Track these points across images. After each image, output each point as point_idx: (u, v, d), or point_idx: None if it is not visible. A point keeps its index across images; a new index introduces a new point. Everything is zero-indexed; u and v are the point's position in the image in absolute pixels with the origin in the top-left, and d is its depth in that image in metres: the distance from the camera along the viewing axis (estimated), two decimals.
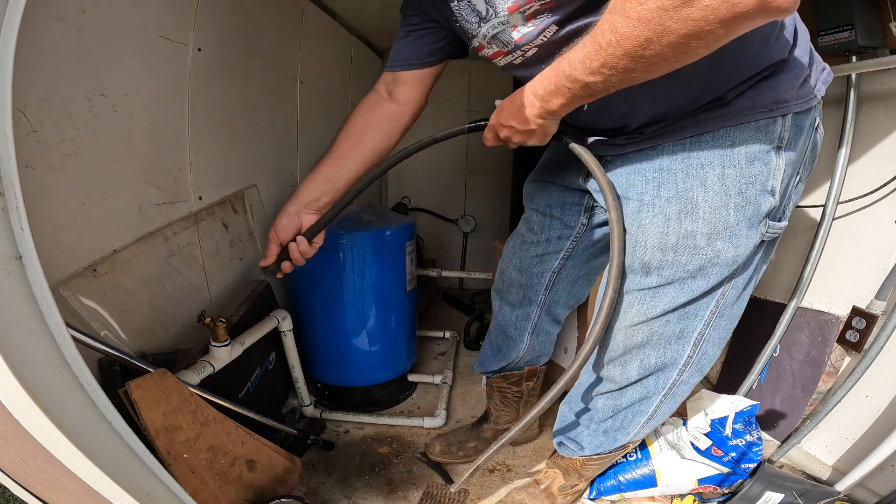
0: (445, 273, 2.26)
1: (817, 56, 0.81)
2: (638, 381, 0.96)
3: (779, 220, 0.81)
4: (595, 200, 1.03)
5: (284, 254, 1.00)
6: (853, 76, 1.29)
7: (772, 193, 0.76)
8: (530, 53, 0.78)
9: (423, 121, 1.04)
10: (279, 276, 1.03)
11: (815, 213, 1.43)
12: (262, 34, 1.53)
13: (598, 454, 1.11)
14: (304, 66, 1.82)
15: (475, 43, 0.84)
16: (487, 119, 0.87)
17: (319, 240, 1.03)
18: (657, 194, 0.81)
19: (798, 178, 0.82)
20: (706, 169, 0.76)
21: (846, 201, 1.34)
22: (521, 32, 0.74)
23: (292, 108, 1.81)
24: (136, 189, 1.08)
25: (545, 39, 0.74)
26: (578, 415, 1.10)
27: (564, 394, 1.19)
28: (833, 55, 1.30)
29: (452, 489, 1.15)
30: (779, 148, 0.75)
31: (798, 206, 1.52)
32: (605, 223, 1.05)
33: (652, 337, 0.90)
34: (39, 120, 0.82)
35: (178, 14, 1.15)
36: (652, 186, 0.81)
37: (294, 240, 0.99)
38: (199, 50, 1.22)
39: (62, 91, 0.87)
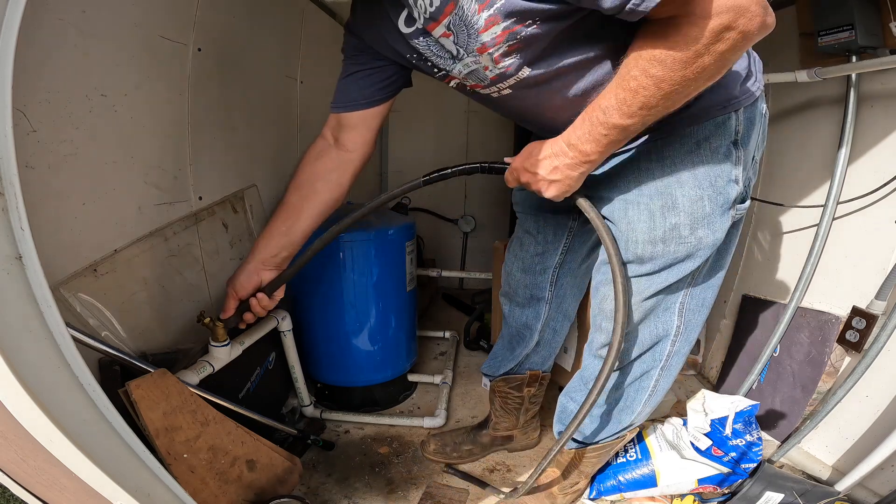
0: (445, 273, 2.25)
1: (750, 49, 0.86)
2: (637, 357, 1.02)
3: (743, 202, 0.89)
4: None
5: (244, 306, 1.03)
6: (853, 76, 1.28)
7: (736, 182, 0.85)
8: (504, 92, 0.82)
9: (426, 115, 1.02)
10: (241, 325, 1.06)
11: (815, 213, 1.43)
12: (262, 34, 1.53)
13: (601, 440, 1.13)
14: (304, 66, 1.82)
15: (446, 75, 0.85)
16: (456, 167, 0.90)
17: (280, 293, 1.05)
18: (640, 193, 0.87)
19: (753, 160, 0.90)
20: (678, 166, 0.84)
21: (846, 201, 1.34)
22: (494, 72, 0.77)
23: (292, 108, 1.81)
24: (136, 189, 1.08)
25: (519, 79, 0.78)
26: (579, 402, 1.10)
27: (560, 388, 1.21)
28: (833, 55, 1.30)
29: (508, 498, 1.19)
30: (735, 141, 0.84)
31: (798, 206, 1.52)
32: None
33: (646, 314, 0.96)
34: (39, 120, 0.82)
35: (178, 14, 1.15)
36: (634, 186, 0.88)
37: (255, 295, 1.02)
38: (199, 50, 1.22)
39: (62, 91, 0.87)
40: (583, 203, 0.84)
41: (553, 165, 0.77)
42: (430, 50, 0.79)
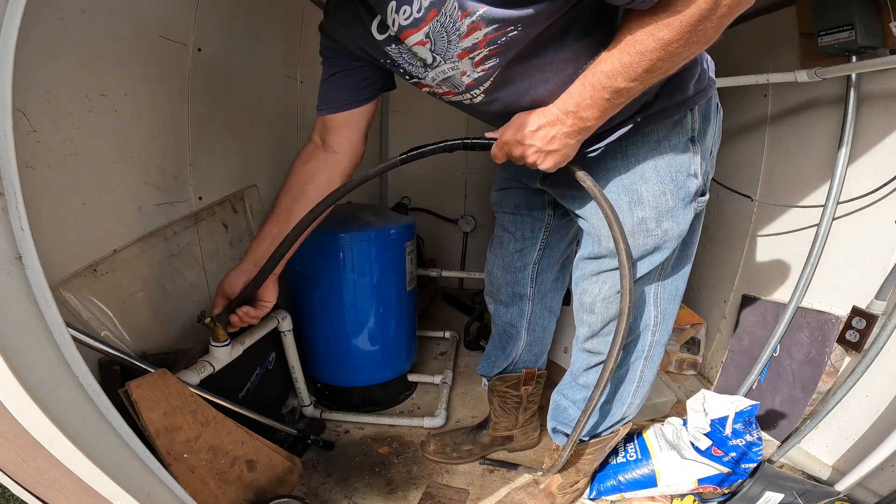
0: (445, 273, 2.25)
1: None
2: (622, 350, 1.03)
3: (703, 195, 0.93)
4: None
5: (233, 306, 1.01)
6: (853, 76, 1.29)
7: (695, 176, 0.89)
8: (478, 99, 0.83)
9: (426, 116, 0.99)
10: (230, 329, 1.04)
11: (815, 213, 1.43)
12: (262, 34, 1.53)
13: (594, 435, 1.14)
14: (304, 66, 1.82)
15: (418, 82, 0.84)
16: (437, 143, 0.85)
17: (271, 297, 1.04)
18: (607, 190, 0.91)
19: (711, 155, 0.95)
20: (641, 163, 0.88)
21: (846, 201, 1.34)
22: (471, 77, 0.78)
23: (292, 108, 1.81)
24: (136, 189, 1.08)
25: (493, 82, 0.78)
26: (571, 399, 1.14)
27: (549, 388, 1.22)
28: (833, 55, 1.30)
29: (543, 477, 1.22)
30: (692, 138, 0.89)
31: (798, 206, 1.52)
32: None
33: None
34: (39, 120, 0.82)
35: (178, 14, 1.15)
36: (601, 184, 0.91)
37: (241, 300, 1.01)
38: (199, 50, 1.22)
39: (62, 91, 0.87)
40: (581, 175, 0.81)
41: (550, 135, 0.75)
42: (402, 58, 0.78)
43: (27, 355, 0.52)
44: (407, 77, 0.84)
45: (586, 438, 1.15)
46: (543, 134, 0.76)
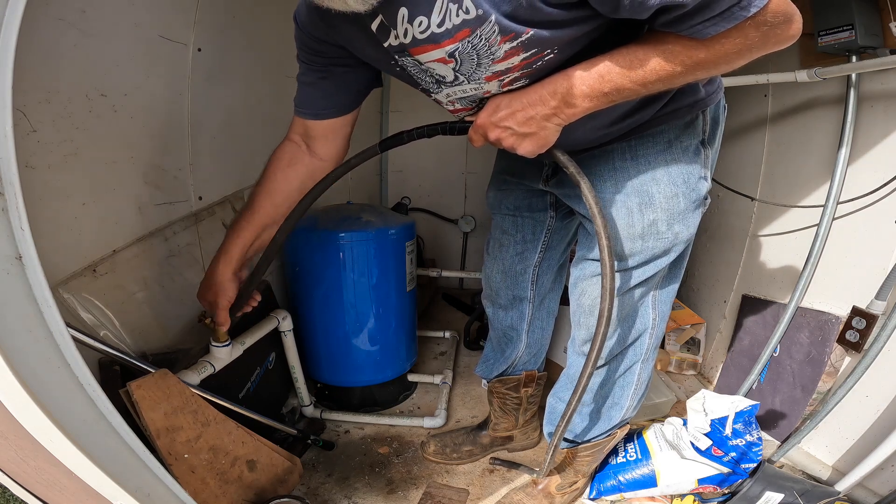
0: (445, 273, 2.25)
1: None
2: (620, 352, 1.04)
3: (707, 198, 0.93)
4: (557, 196, 1.07)
5: (236, 308, 0.99)
6: (853, 76, 1.28)
7: (705, 179, 0.90)
8: None
9: (426, 115, 0.93)
10: (238, 314, 1.02)
11: (815, 213, 1.43)
12: (262, 34, 1.53)
13: (592, 438, 1.13)
14: None
15: (426, 91, 0.81)
16: (414, 129, 0.82)
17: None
18: (616, 191, 0.89)
19: (716, 155, 0.95)
20: (653, 164, 0.87)
21: (846, 201, 1.34)
22: (494, 95, 0.75)
23: (292, 108, 1.81)
24: (136, 189, 1.08)
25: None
26: (568, 402, 1.11)
27: (549, 388, 1.22)
28: (833, 55, 1.30)
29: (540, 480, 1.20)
30: (703, 141, 0.89)
31: (798, 206, 1.52)
32: (573, 212, 1.08)
33: (626, 309, 0.97)
34: (39, 120, 0.82)
35: (178, 14, 1.15)
36: (610, 185, 0.89)
37: (242, 302, 0.99)
38: (199, 50, 1.22)
39: (62, 91, 0.87)
40: (564, 160, 0.77)
41: (527, 116, 0.71)
42: (409, 69, 0.74)
43: (27, 355, 0.52)
44: (417, 84, 0.79)
45: (580, 442, 1.14)
46: (522, 116, 0.71)
